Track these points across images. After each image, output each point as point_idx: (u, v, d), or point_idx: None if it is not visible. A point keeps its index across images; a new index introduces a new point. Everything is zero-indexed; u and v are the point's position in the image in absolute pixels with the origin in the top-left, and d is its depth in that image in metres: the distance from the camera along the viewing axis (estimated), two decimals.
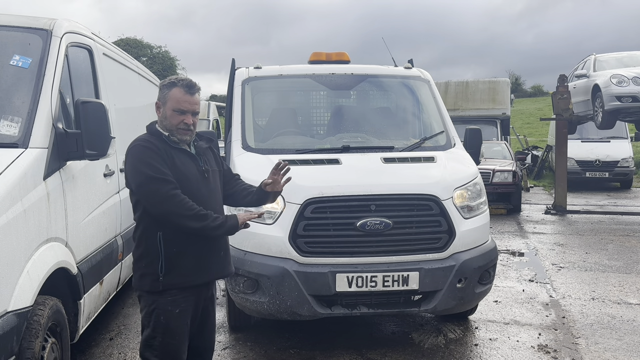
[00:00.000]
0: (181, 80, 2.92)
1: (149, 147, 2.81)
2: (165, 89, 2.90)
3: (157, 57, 43.90)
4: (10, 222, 2.86)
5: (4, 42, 3.65)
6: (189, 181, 2.87)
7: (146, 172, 2.75)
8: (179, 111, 2.87)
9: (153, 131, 2.95)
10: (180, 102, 2.87)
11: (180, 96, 2.87)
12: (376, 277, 4.13)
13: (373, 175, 4.51)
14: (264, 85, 5.70)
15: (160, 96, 2.92)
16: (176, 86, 2.88)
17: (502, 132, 15.84)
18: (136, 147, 2.84)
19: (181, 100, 2.87)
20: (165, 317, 2.85)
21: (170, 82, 2.92)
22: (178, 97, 2.87)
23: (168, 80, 2.95)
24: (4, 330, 2.70)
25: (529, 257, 7.97)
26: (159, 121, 2.95)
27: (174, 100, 2.87)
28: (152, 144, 2.83)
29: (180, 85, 2.89)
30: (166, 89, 2.90)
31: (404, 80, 5.84)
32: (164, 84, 2.93)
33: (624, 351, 4.58)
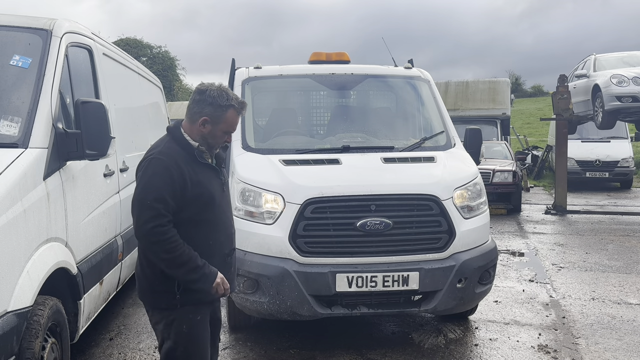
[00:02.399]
0: (236, 101, 2.75)
1: (168, 168, 2.63)
2: (221, 110, 2.71)
3: (157, 57, 43.89)
4: (10, 222, 2.86)
5: (4, 42, 3.65)
6: (212, 198, 2.75)
7: (148, 196, 2.60)
8: (229, 132, 2.78)
9: (181, 141, 2.75)
10: (233, 124, 2.77)
11: (234, 118, 2.75)
12: (376, 277, 4.13)
13: (373, 175, 4.51)
14: (264, 85, 5.70)
15: (213, 113, 2.70)
16: (233, 108, 2.73)
17: (502, 132, 15.84)
18: (156, 162, 2.65)
19: (234, 123, 2.77)
20: (187, 325, 2.74)
21: (227, 103, 2.71)
22: (233, 120, 2.75)
23: (225, 99, 2.71)
24: (4, 330, 2.70)
25: (529, 257, 7.96)
26: (200, 136, 2.74)
27: (229, 123, 2.74)
28: (175, 163, 2.65)
29: (236, 108, 2.74)
30: (222, 109, 2.71)
31: (404, 80, 5.84)
32: (221, 104, 2.70)
33: (624, 351, 4.58)
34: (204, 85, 2.77)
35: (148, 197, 2.60)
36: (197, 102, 2.73)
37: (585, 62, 13.23)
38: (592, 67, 12.36)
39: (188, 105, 2.80)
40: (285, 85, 5.85)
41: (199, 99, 2.73)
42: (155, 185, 2.61)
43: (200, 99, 2.72)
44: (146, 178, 2.64)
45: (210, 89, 2.73)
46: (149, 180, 2.63)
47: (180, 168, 2.65)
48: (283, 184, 4.31)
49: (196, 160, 2.73)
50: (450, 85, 16.22)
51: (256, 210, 4.28)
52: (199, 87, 2.78)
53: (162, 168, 2.63)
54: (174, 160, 2.65)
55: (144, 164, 2.69)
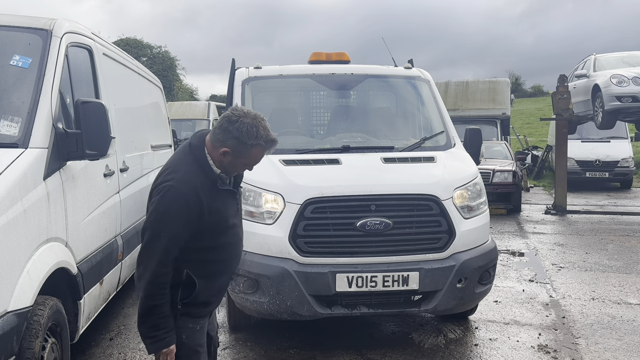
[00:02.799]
0: (265, 139, 2.51)
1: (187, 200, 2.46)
2: (245, 148, 2.49)
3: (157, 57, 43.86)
4: (10, 222, 2.86)
5: (4, 42, 3.65)
6: (227, 224, 2.65)
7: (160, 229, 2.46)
8: (250, 166, 2.62)
9: (204, 166, 2.56)
10: (257, 160, 2.59)
11: (259, 155, 2.56)
12: (376, 277, 4.13)
13: (373, 175, 4.51)
14: (264, 85, 5.71)
15: (236, 147, 2.49)
16: (261, 147, 2.52)
17: (502, 132, 15.84)
18: (175, 193, 2.47)
19: (257, 159, 2.58)
20: (186, 334, 2.69)
21: (254, 142, 2.48)
22: (256, 157, 2.56)
23: (253, 138, 2.47)
24: (4, 330, 2.70)
25: (529, 257, 7.96)
26: (220, 163, 2.56)
27: (252, 159, 2.56)
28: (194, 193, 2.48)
29: (263, 147, 2.52)
30: (247, 147, 2.49)
31: (404, 80, 5.84)
32: (246, 142, 2.48)
33: (624, 351, 4.58)
34: (236, 114, 2.52)
35: (161, 231, 2.46)
36: (224, 131, 2.51)
37: (585, 62, 13.24)
38: (592, 67, 12.37)
39: (215, 126, 2.59)
40: (285, 85, 5.86)
41: (226, 128, 2.50)
42: (171, 219, 2.46)
43: (227, 129, 2.50)
44: (162, 208, 2.47)
45: (242, 121, 2.49)
46: (165, 211, 2.47)
47: (199, 199, 2.49)
48: (283, 184, 4.32)
49: (216, 187, 2.58)
50: (450, 85, 16.21)
51: (256, 210, 4.28)
52: (231, 114, 2.53)
53: (181, 200, 2.46)
54: (194, 191, 2.49)
55: (162, 190, 2.49)
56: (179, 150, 2.69)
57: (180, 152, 2.68)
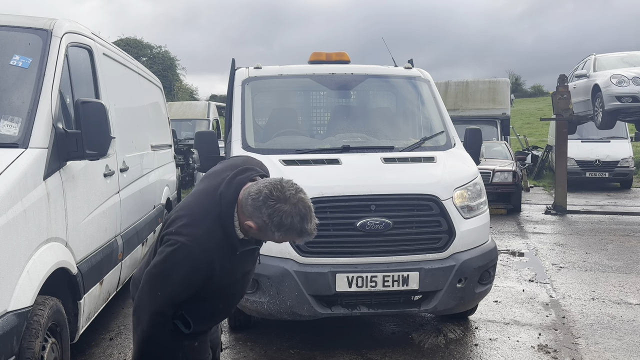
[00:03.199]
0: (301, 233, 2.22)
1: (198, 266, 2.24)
2: (274, 234, 2.22)
3: (157, 57, 43.87)
4: (10, 222, 2.86)
5: (4, 42, 3.65)
6: (237, 282, 2.47)
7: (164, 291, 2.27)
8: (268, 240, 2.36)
9: (228, 232, 2.28)
10: (286, 240, 2.31)
11: (289, 240, 2.30)
12: (376, 277, 4.13)
13: (373, 175, 4.51)
14: (264, 85, 5.71)
15: (262, 228, 2.23)
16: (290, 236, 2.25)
17: (502, 132, 15.84)
18: (186, 253, 2.22)
19: (287, 240, 2.31)
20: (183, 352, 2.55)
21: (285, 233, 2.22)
22: (285, 240, 2.30)
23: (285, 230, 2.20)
24: (4, 330, 2.70)
25: (529, 257, 7.96)
26: (243, 227, 2.28)
27: (278, 240, 2.28)
28: (209, 259, 2.25)
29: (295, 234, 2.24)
30: (275, 234, 2.22)
31: (404, 80, 5.84)
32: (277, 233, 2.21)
33: (624, 351, 4.58)
34: (275, 196, 2.18)
35: (159, 290, 2.27)
36: (256, 208, 2.20)
37: (585, 62, 13.24)
38: (592, 67, 12.37)
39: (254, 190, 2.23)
40: (285, 85, 5.86)
41: (259, 206, 2.20)
42: (174, 281, 2.25)
43: (260, 207, 2.20)
44: (168, 267, 2.25)
45: (278, 208, 2.17)
46: (170, 271, 2.25)
47: (211, 265, 2.27)
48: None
49: (235, 251, 2.33)
50: (450, 85, 16.22)
51: None
52: (270, 193, 2.19)
53: (190, 265, 2.24)
54: (208, 257, 2.25)
55: (174, 244, 2.24)
56: (207, 193, 2.36)
57: (207, 196, 2.34)
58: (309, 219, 2.22)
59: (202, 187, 2.43)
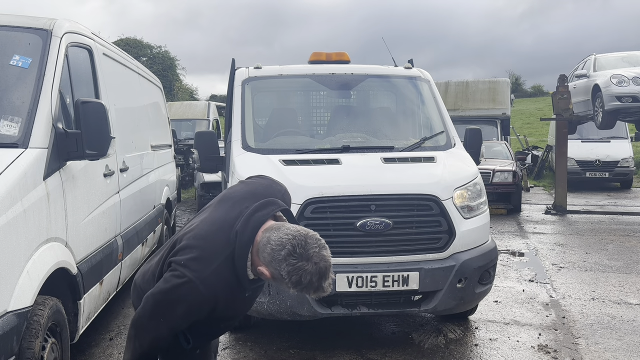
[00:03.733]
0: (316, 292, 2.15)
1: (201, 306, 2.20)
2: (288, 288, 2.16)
3: (157, 57, 43.83)
4: (10, 222, 2.86)
5: (4, 42, 3.65)
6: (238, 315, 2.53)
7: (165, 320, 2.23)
8: None
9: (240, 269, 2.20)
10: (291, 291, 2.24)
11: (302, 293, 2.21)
12: (376, 277, 4.13)
13: (373, 175, 4.51)
14: (264, 85, 5.70)
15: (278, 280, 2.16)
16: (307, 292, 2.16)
17: (502, 132, 15.85)
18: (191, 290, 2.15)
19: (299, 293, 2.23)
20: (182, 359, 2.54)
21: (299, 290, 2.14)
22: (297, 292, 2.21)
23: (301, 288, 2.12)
24: (4, 330, 2.70)
25: (529, 257, 7.96)
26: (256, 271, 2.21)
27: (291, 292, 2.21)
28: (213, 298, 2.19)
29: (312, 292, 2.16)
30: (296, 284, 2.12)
31: (404, 80, 5.84)
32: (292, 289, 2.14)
33: (624, 351, 4.58)
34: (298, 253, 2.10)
35: (161, 317, 2.22)
36: (275, 260, 2.12)
37: (585, 62, 13.24)
38: (592, 67, 12.37)
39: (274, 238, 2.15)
40: (285, 85, 5.86)
41: (280, 260, 2.11)
42: (175, 312, 2.20)
43: (279, 260, 2.11)
44: (171, 298, 2.19)
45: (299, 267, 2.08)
46: (172, 303, 2.19)
47: (216, 303, 2.21)
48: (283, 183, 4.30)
49: (243, 292, 2.29)
50: (450, 85, 16.22)
51: None
52: (296, 251, 2.10)
53: (194, 302, 2.18)
54: (213, 298, 2.19)
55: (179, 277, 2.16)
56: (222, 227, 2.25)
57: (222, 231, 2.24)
58: (327, 277, 2.14)
59: (218, 216, 2.31)
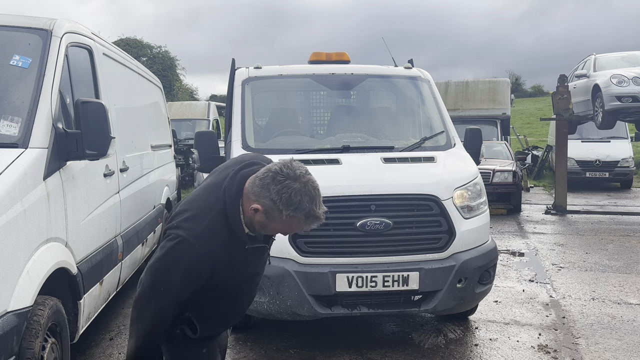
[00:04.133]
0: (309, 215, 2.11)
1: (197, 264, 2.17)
2: (282, 215, 2.10)
3: (157, 57, 43.85)
4: (10, 222, 2.86)
5: (4, 42, 3.64)
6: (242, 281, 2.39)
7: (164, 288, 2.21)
8: (284, 233, 2.27)
9: (234, 224, 2.19)
10: (293, 230, 2.23)
11: (297, 227, 2.18)
12: (376, 277, 4.13)
13: (373, 175, 4.51)
14: (264, 85, 5.70)
15: (270, 209, 2.10)
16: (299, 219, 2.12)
17: (502, 132, 15.85)
18: (186, 249, 2.15)
19: (294, 229, 2.21)
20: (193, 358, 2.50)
21: (294, 214, 2.09)
22: (293, 227, 2.19)
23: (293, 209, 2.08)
24: (4, 330, 2.70)
25: (529, 257, 7.96)
26: (250, 220, 2.18)
27: (286, 228, 2.20)
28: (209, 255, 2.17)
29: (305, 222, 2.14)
30: (284, 216, 2.10)
31: (404, 80, 5.84)
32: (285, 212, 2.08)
33: (624, 351, 4.58)
34: (284, 173, 2.09)
35: (161, 285, 2.21)
36: (263, 187, 2.10)
37: (585, 62, 13.24)
38: (592, 67, 12.37)
39: (259, 174, 2.15)
40: (285, 85, 5.86)
41: (267, 184, 2.10)
42: (174, 276, 2.18)
43: (267, 186, 2.10)
44: (168, 261, 2.19)
45: (287, 184, 2.07)
46: (170, 266, 2.19)
47: (212, 262, 2.18)
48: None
49: (242, 247, 2.24)
50: (450, 85, 16.22)
51: None
52: (280, 170, 2.10)
53: (189, 260, 2.16)
54: (209, 254, 2.16)
55: (173, 239, 2.18)
56: (211, 188, 2.28)
57: (211, 192, 2.26)
58: (318, 203, 2.11)
59: (208, 182, 2.36)
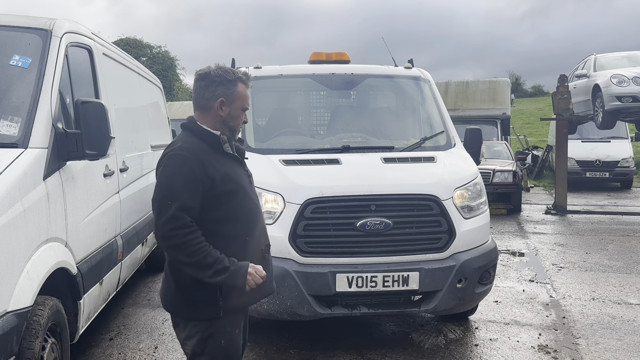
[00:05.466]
0: (244, 75, 2.62)
1: (190, 165, 2.46)
2: (231, 85, 2.57)
3: (157, 57, 43.85)
4: (10, 222, 2.86)
5: (4, 42, 3.64)
6: (244, 191, 2.61)
7: (169, 195, 2.44)
8: (244, 109, 2.64)
9: (201, 133, 2.59)
10: (247, 99, 2.63)
11: (245, 92, 2.62)
12: (376, 277, 4.13)
13: (373, 175, 4.50)
14: (264, 85, 5.70)
15: (225, 92, 2.56)
16: (242, 81, 2.60)
17: (503, 132, 15.86)
18: (176, 159, 2.49)
19: (247, 97, 2.63)
20: (225, 339, 2.58)
21: (236, 76, 2.58)
22: (245, 95, 2.62)
23: (232, 74, 2.60)
24: (4, 331, 2.70)
25: (529, 257, 7.96)
26: (220, 121, 2.60)
27: (242, 99, 2.61)
28: (197, 159, 2.48)
29: (245, 81, 2.61)
30: (232, 85, 2.58)
31: (404, 80, 5.84)
32: (229, 79, 2.57)
33: (624, 351, 4.58)
34: (203, 70, 2.63)
35: (167, 198, 2.44)
36: (205, 88, 2.58)
37: (585, 62, 13.24)
38: (592, 67, 12.37)
39: (194, 96, 2.64)
40: (285, 85, 5.85)
41: (205, 85, 2.58)
42: (176, 184, 2.44)
43: (207, 84, 2.58)
44: (166, 176, 2.48)
45: (213, 70, 2.60)
46: (169, 178, 2.47)
47: (203, 165, 2.48)
48: (283, 184, 4.31)
49: (221, 151, 2.57)
50: (450, 85, 16.22)
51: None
52: (199, 72, 2.63)
53: (183, 165, 2.46)
54: (196, 156, 2.48)
55: (164, 161, 2.52)
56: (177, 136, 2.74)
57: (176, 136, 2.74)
58: None
59: None
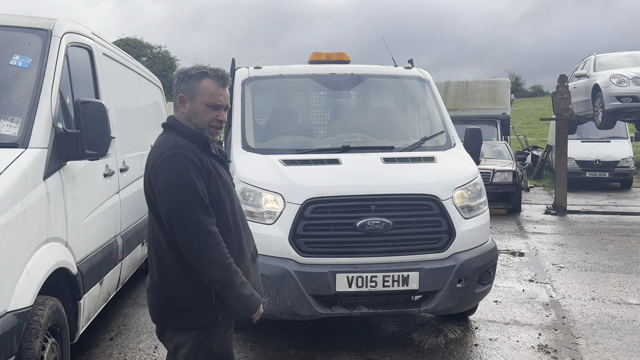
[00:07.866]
0: (212, 70, 2.46)
1: (192, 161, 2.33)
2: (193, 80, 2.44)
3: (157, 57, 43.88)
4: (10, 222, 2.86)
5: (4, 42, 3.65)
6: (232, 194, 2.51)
7: (188, 195, 2.29)
8: (213, 106, 2.45)
9: (188, 134, 2.45)
10: (215, 95, 2.44)
11: (214, 89, 2.44)
12: (376, 277, 4.13)
13: (373, 175, 4.51)
14: (264, 85, 5.70)
15: (185, 88, 2.45)
16: (208, 77, 2.44)
17: (502, 132, 15.86)
18: (177, 158, 2.32)
19: (215, 94, 2.44)
20: (218, 345, 2.47)
21: (200, 71, 2.44)
22: (212, 90, 2.44)
23: (195, 69, 2.46)
24: (4, 330, 2.70)
25: (529, 257, 7.96)
26: (185, 118, 2.46)
27: (207, 94, 2.43)
28: (195, 156, 2.36)
29: (213, 76, 2.44)
30: (194, 80, 2.44)
31: (404, 80, 5.84)
32: (191, 74, 2.45)
33: (624, 351, 4.58)
34: (180, 69, 2.54)
35: (189, 197, 2.29)
36: (174, 86, 2.51)
37: (585, 62, 13.24)
38: (592, 67, 12.37)
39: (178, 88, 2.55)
40: (285, 85, 5.86)
41: (175, 83, 2.51)
42: (190, 181, 2.30)
43: (176, 82, 2.50)
44: (175, 177, 2.31)
45: (183, 68, 2.52)
46: (180, 178, 2.31)
47: (199, 158, 2.37)
48: (283, 184, 4.32)
49: (208, 151, 2.45)
50: (450, 85, 16.22)
51: (256, 210, 4.28)
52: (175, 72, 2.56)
53: (188, 162, 2.33)
54: (191, 151, 2.37)
55: (162, 164, 2.33)
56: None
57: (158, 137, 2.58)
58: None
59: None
